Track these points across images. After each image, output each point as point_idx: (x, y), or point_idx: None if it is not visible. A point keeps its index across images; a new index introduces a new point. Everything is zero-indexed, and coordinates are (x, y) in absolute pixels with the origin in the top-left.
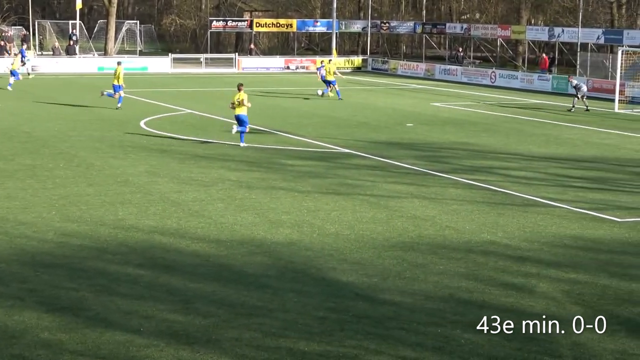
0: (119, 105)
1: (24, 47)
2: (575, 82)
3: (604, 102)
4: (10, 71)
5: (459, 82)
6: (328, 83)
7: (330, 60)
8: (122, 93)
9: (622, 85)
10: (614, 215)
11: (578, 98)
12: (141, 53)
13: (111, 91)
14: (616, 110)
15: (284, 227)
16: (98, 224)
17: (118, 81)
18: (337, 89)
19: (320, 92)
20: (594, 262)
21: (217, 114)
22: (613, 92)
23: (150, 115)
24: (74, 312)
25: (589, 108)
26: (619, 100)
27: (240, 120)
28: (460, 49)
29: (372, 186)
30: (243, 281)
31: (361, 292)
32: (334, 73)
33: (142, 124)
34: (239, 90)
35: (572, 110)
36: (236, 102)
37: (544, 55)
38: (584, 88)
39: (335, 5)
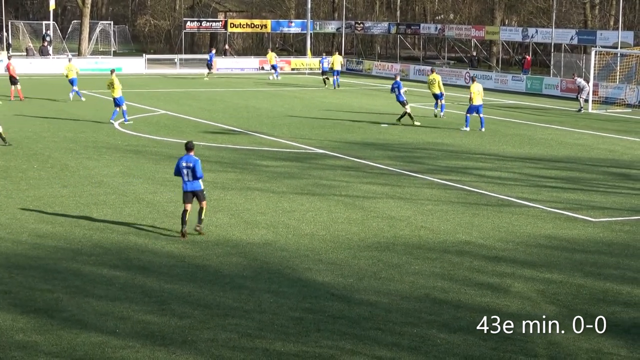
0: (126, 120)
1: None
2: (579, 80)
3: (578, 103)
4: None
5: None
6: (336, 72)
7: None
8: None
9: (595, 85)
10: (588, 215)
11: (581, 97)
12: (115, 54)
13: (117, 108)
14: (590, 110)
15: (259, 228)
16: (73, 225)
17: (116, 92)
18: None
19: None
20: (568, 262)
21: (192, 115)
22: (588, 93)
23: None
24: (49, 314)
25: (582, 109)
26: (592, 100)
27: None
28: (475, 53)
29: (347, 187)
30: (219, 282)
31: (337, 292)
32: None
33: (116, 124)
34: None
35: (582, 111)
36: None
37: (527, 56)
38: (587, 89)
39: (309, 6)
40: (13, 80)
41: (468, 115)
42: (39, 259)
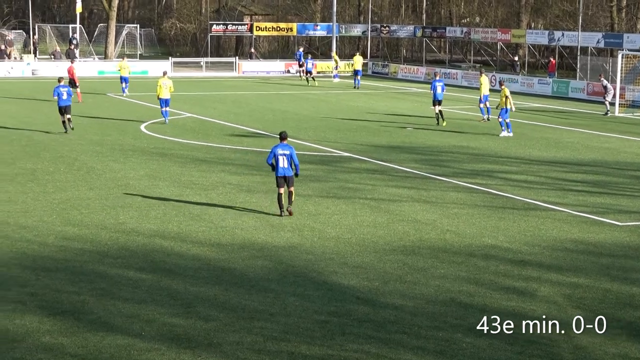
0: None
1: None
2: (605, 82)
3: (604, 106)
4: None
5: (459, 86)
6: (358, 73)
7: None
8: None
9: (622, 89)
10: (615, 219)
11: (606, 100)
12: (141, 57)
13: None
14: (616, 114)
15: (284, 231)
16: (99, 228)
17: (162, 94)
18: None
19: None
20: (595, 266)
21: (218, 118)
22: (613, 96)
23: (151, 119)
24: (75, 316)
25: (608, 112)
26: (619, 104)
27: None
28: (517, 58)
29: (373, 190)
30: (244, 285)
31: (362, 296)
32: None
33: (142, 127)
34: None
35: (608, 114)
36: None
37: (551, 59)
38: (612, 91)
39: (335, 9)
40: (73, 84)
41: (502, 120)
42: (66, 262)
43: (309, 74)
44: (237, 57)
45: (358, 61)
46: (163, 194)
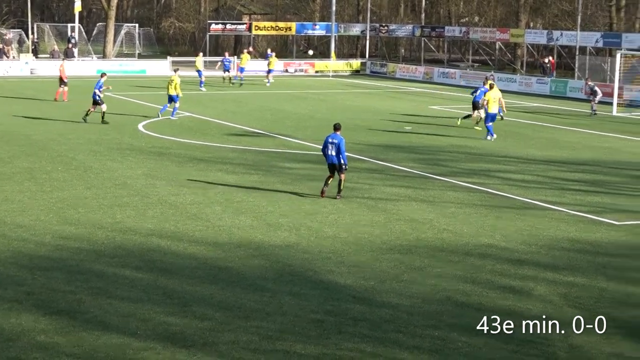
0: (172, 117)
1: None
2: (592, 84)
3: (603, 106)
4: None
5: (457, 86)
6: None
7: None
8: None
9: (620, 88)
10: (612, 218)
11: (594, 101)
12: (140, 56)
13: (168, 104)
14: (614, 113)
15: (281, 230)
16: (96, 227)
17: (175, 90)
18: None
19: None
20: (591, 265)
21: (216, 117)
22: (611, 95)
23: (149, 118)
24: (70, 315)
25: (596, 113)
26: (617, 103)
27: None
28: (547, 60)
29: (370, 189)
30: (240, 284)
31: (358, 295)
32: None
33: (140, 126)
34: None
35: (594, 115)
36: None
37: (551, 58)
38: (600, 93)
39: (334, 9)
40: (62, 82)
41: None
42: (62, 261)
43: (227, 72)
44: (235, 56)
45: (245, 59)
46: (160, 193)
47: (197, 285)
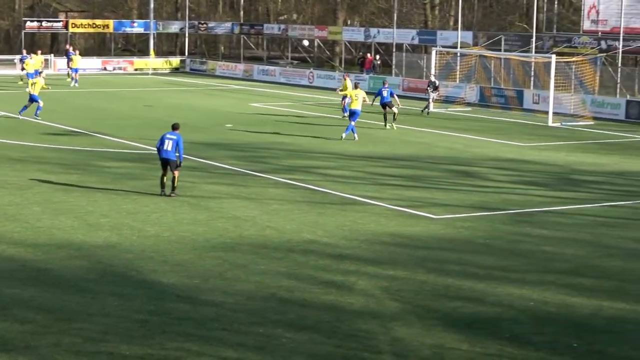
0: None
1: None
2: (434, 80)
3: (419, 102)
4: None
5: (277, 83)
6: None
7: None
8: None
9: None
10: (430, 212)
11: (431, 99)
12: None
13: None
14: (431, 109)
15: (102, 230)
16: None
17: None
18: None
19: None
20: (411, 259)
21: (33, 116)
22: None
23: None
24: None
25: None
26: (433, 99)
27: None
28: (378, 57)
29: (192, 187)
30: (62, 285)
31: (182, 293)
32: None
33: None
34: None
35: (428, 112)
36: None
37: (368, 55)
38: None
39: (152, 6)
40: None
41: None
42: None
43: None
44: (52, 54)
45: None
46: None
47: (16, 288)
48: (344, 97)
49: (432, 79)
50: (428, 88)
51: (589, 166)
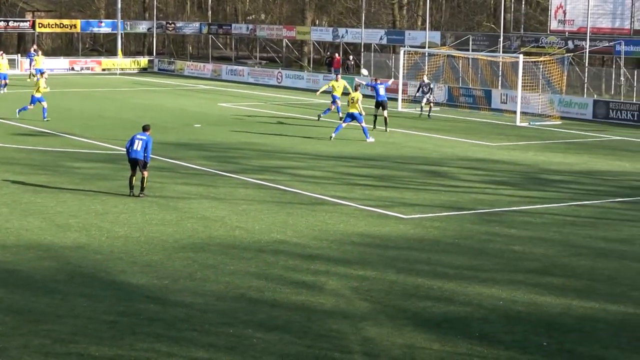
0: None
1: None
2: (428, 82)
3: (420, 105)
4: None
5: (245, 83)
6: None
7: None
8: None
9: (404, 84)
10: (400, 212)
11: (428, 100)
12: None
13: (27, 105)
14: (399, 109)
15: (71, 231)
16: None
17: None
18: None
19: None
20: (381, 259)
21: (0, 116)
22: (396, 91)
23: None
24: None
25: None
26: (402, 99)
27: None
28: (337, 55)
29: (161, 187)
30: (31, 287)
31: (152, 294)
32: None
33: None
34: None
35: (429, 115)
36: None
37: (336, 55)
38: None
39: (119, 6)
40: None
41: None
42: None
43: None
44: (19, 55)
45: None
46: None
47: None
48: (335, 99)
49: (426, 80)
50: (422, 89)
51: (557, 166)
